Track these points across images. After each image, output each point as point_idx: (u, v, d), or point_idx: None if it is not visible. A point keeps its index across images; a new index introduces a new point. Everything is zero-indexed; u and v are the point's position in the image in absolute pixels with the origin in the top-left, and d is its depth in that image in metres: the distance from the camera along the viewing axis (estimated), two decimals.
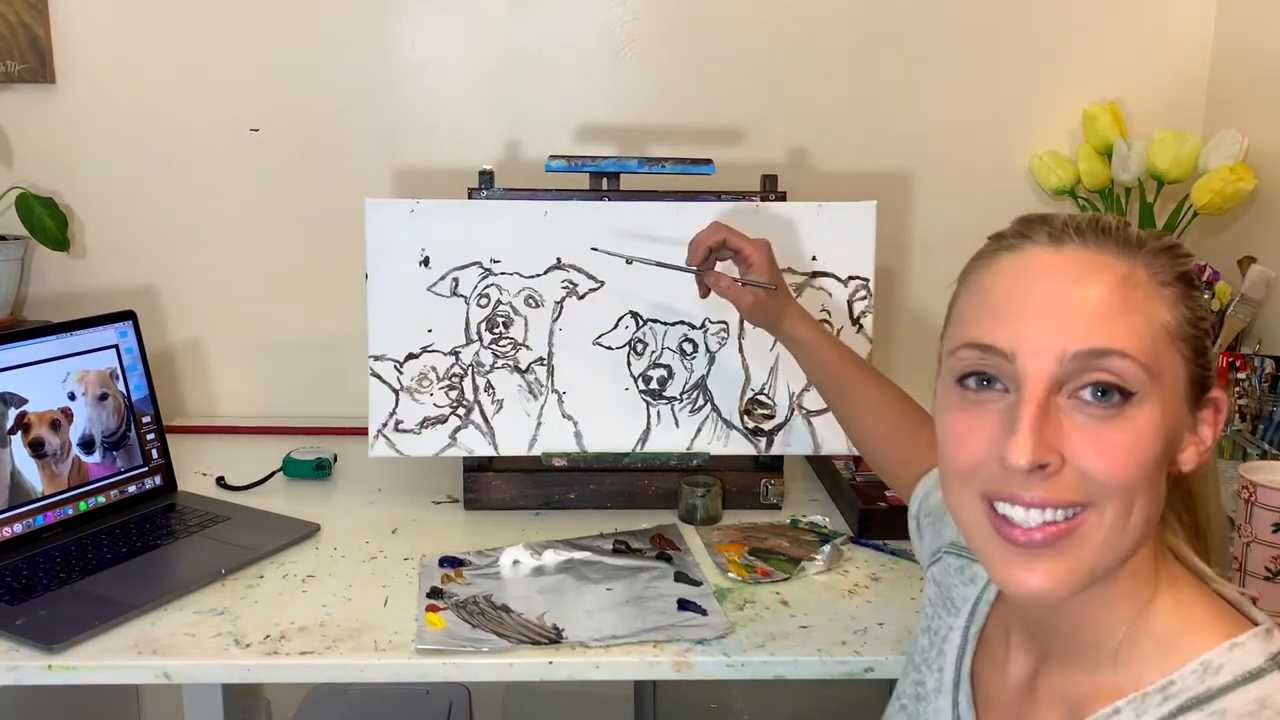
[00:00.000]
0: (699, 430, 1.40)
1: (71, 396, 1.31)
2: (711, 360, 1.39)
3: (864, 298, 1.40)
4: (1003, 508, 0.65)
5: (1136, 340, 0.63)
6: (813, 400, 1.40)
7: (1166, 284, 0.65)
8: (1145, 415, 0.63)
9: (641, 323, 1.37)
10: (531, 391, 1.39)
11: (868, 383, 1.16)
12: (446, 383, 1.38)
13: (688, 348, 1.39)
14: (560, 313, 1.38)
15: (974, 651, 0.80)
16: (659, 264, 1.25)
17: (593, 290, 1.38)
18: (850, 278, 1.40)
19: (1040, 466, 0.63)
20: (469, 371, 1.38)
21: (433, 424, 1.38)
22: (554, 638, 1.07)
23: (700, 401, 1.40)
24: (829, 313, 1.40)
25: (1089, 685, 0.69)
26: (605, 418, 1.39)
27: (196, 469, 1.52)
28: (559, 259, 1.37)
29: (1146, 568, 0.69)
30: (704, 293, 1.24)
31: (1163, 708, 0.64)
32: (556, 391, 1.39)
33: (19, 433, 1.25)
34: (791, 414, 1.40)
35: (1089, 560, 0.64)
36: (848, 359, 1.18)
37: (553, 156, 1.38)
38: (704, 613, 1.13)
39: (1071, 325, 0.63)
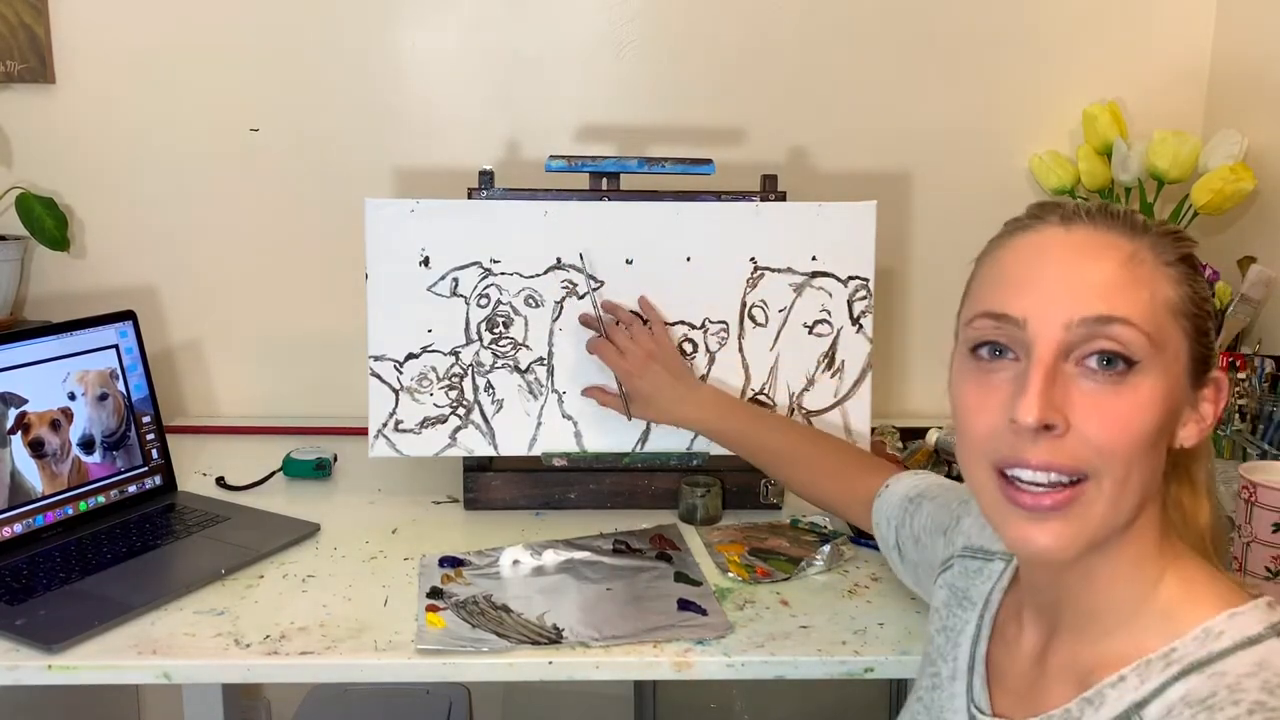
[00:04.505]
0: None
1: (71, 396, 1.31)
2: (711, 360, 1.39)
3: (864, 298, 1.40)
4: (1012, 472, 0.68)
5: (1140, 311, 0.67)
6: (812, 400, 1.40)
7: (1170, 264, 0.70)
8: (1148, 385, 0.67)
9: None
10: (531, 391, 1.39)
11: (783, 442, 1.26)
12: (446, 383, 1.38)
13: (688, 348, 1.39)
14: (560, 313, 1.38)
15: (989, 638, 0.82)
16: (593, 300, 1.36)
17: (593, 290, 1.38)
18: (850, 278, 1.40)
19: (1047, 427, 0.66)
20: (469, 371, 1.38)
21: (433, 424, 1.38)
22: (554, 638, 1.07)
23: None
24: (829, 313, 1.40)
25: (1095, 655, 0.71)
26: (605, 418, 1.38)
27: (196, 469, 1.52)
28: (559, 259, 1.37)
29: (1151, 542, 0.72)
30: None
31: (1165, 673, 0.67)
32: (556, 391, 1.39)
33: (19, 433, 1.25)
34: (791, 414, 1.40)
35: (1092, 525, 0.68)
36: (755, 429, 1.29)
37: (553, 156, 1.38)
38: (704, 613, 1.13)
39: (1080, 295, 0.68)
